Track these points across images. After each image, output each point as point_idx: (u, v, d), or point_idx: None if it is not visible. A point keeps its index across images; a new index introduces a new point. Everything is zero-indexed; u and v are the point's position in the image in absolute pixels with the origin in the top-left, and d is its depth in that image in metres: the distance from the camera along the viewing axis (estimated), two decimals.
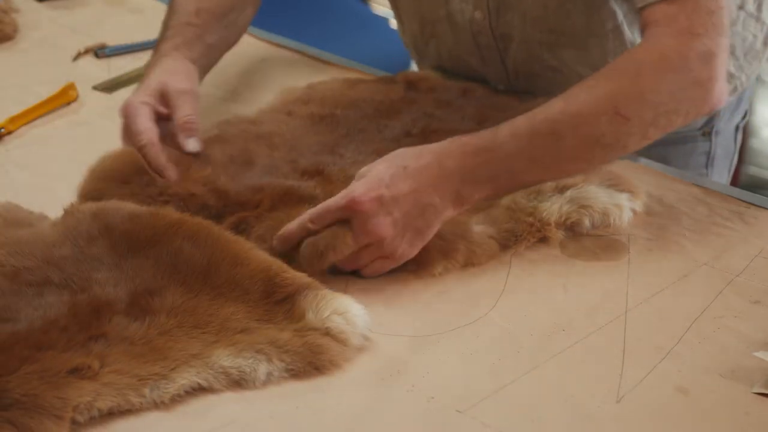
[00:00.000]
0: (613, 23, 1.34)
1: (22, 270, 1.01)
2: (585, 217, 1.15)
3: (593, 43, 1.35)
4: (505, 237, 1.14)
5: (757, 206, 1.23)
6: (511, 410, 0.92)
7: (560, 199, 1.16)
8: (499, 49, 1.40)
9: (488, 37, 1.39)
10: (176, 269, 1.02)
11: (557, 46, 1.36)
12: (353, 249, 1.06)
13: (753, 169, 2.74)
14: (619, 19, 1.33)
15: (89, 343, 0.92)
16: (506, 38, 1.38)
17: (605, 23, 1.34)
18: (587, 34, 1.35)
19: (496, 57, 1.41)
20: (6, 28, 1.62)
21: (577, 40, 1.35)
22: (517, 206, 1.15)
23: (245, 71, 1.56)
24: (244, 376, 0.93)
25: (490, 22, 1.37)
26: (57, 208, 1.13)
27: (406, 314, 1.04)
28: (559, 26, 1.34)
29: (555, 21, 1.34)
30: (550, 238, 1.14)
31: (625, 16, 1.33)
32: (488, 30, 1.38)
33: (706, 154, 1.49)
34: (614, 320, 1.04)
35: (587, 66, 1.37)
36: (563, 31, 1.34)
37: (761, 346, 1.00)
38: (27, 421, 0.85)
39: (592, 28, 1.34)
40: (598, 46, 1.35)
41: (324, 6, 2.43)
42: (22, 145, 1.33)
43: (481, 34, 1.39)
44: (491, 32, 1.38)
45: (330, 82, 1.43)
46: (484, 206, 1.15)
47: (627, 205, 1.18)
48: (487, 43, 1.40)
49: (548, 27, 1.35)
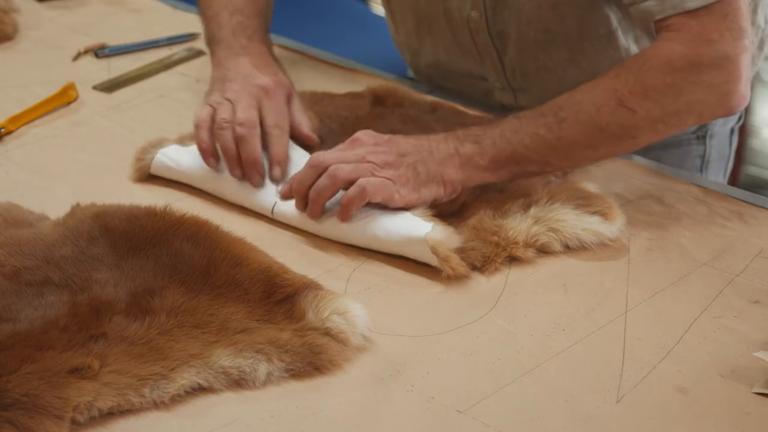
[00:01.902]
0: (607, 29, 1.34)
1: (22, 270, 1.01)
2: (555, 241, 1.12)
3: (587, 47, 1.36)
4: (471, 256, 1.10)
5: (757, 206, 1.23)
6: (511, 410, 0.92)
7: (525, 217, 1.13)
8: (496, 47, 1.40)
9: (485, 35, 1.39)
10: (176, 269, 1.02)
11: (552, 46, 1.37)
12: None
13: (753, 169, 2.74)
14: (613, 26, 1.34)
15: (89, 343, 0.93)
16: (503, 36, 1.38)
17: (598, 28, 1.34)
18: (580, 38, 1.35)
19: (493, 55, 1.41)
20: (6, 28, 1.62)
21: (570, 42, 1.36)
22: (482, 225, 1.12)
23: None
24: (244, 376, 0.93)
25: (487, 20, 1.37)
26: (57, 208, 1.13)
27: (406, 314, 1.04)
28: (554, 27, 1.35)
29: (549, 21, 1.34)
30: (520, 258, 1.11)
31: (620, 23, 1.34)
32: (485, 28, 1.38)
33: (701, 157, 1.49)
34: (614, 320, 1.04)
35: (580, 69, 1.37)
36: (558, 32, 1.35)
37: (761, 346, 1.00)
38: (27, 421, 0.85)
39: (585, 32, 1.34)
40: (592, 49, 1.36)
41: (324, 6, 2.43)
42: (22, 145, 1.33)
43: (478, 32, 1.39)
44: (488, 30, 1.38)
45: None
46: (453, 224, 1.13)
47: (598, 229, 1.13)
48: (484, 40, 1.40)
49: (543, 27, 1.35)
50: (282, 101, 1.26)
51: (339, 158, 1.13)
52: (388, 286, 1.08)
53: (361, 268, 1.11)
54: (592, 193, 1.18)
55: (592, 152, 1.16)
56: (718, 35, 1.13)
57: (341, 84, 1.49)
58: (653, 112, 1.13)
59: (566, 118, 1.14)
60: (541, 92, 1.43)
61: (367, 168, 1.12)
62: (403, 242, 1.10)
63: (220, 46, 1.35)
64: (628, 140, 1.15)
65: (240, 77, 1.27)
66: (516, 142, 1.14)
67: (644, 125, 1.14)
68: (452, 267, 1.07)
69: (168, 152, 1.24)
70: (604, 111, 1.13)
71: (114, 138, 1.36)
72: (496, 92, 1.47)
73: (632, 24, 1.35)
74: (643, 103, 1.13)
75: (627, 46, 1.36)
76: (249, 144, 1.19)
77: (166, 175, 1.24)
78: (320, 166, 1.13)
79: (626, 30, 1.35)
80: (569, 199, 1.15)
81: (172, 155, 1.24)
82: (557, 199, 1.15)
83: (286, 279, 1.01)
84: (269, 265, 1.03)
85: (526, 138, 1.14)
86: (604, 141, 1.15)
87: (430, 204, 1.14)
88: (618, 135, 1.14)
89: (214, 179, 1.21)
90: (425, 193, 1.13)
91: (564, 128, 1.14)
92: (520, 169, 1.15)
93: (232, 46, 1.34)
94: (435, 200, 1.14)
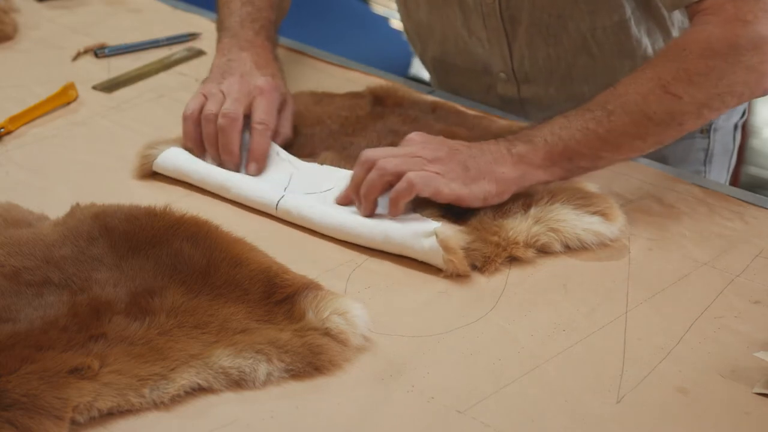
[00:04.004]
0: (620, 17, 1.35)
1: (22, 270, 1.01)
2: (555, 241, 1.12)
3: (598, 34, 1.37)
4: (471, 256, 1.10)
5: (757, 206, 1.23)
6: (511, 410, 0.92)
7: (525, 217, 1.13)
8: (506, 33, 1.40)
9: (497, 19, 1.39)
10: (176, 269, 1.02)
11: (564, 32, 1.37)
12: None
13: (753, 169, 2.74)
14: (627, 15, 1.35)
15: (89, 343, 0.92)
16: (514, 21, 1.39)
17: (612, 15, 1.35)
18: (592, 25, 1.36)
19: (502, 41, 1.42)
20: (6, 28, 1.62)
21: (582, 28, 1.36)
22: (482, 225, 1.12)
23: None
24: (244, 376, 0.93)
25: (500, 3, 1.38)
26: (57, 208, 1.13)
27: (406, 314, 1.04)
28: (567, 12, 1.35)
29: (562, 7, 1.35)
30: (520, 258, 1.11)
31: (633, 12, 1.35)
32: (497, 12, 1.38)
33: (705, 150, 1.49)
34: (614, 320, 1.04)
35: (590, 57, 1.38)
36: (570, 17, 1.35)
37: (761, 346, 1.00)
38: (27, 421, 0.85)
39: (597, 19, 1.35)
40: (603, 37, 1.37)
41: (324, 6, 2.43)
42: (22, 145, 1.33)
43: (490, 17, 1.40)
44: (500, 14, 1.38)
45: (295, 96, 1.40)
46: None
47: (598, 230, 1.13)
48: (495, 25, 1.40)
49: (556, 12, 1.36)
50: (274, 103, 1.28)
51: (388, 153, 1.14)
52: (388, 286, 1.08)
53: (361, 267, 1.11)
54: (593, 193, 1.18)
55: (641, 143, 1.16)
56: (752, 16, 1.14)
57: (341, 84, 1.48)
58: (698, 97, 1.14)
59: (614, 110, 1.14)
60: (547, 82, 1.43)
61: (416, 162, 1.12)
62: (411, 237, 1.10)
63: (226, 34, 1.37)
64: (675, 127, 1.16)
65: (238, 73, 1.30)
66: (567, 137, 1.14)
67: (690, 110, 1.15)
68: (456, 264, 1.08)
69: (172, 151, 1.25)
70: (650, 99, 1.14)
71: (114, 138, 1.36)
72: (499, 85, 1.47)
73: (646, 16, 1.36)
74: (688, 89, 1.14)
75: (639, 37, 1.37)
76: (227, 136, 1.23)
77: (169, 173, 1.25)
78: (368, 162, 1.13)
79: (639, 21, 1.36)
80: (569, 199, 1.15)
81: (176, 153, 1.25)
82: (557, 199, 1.14)
83: (286, 279, 1.01)
84: (269, 265, 1.03)
85: (578, 133, 1.14)
86: (652, 129, 1.15)
87: (481, 203, 1.13)
88: (665, 122, 1.15)
89: (218, 177, 1.22)
90: (475, 189, 1.12)
91: (613, 120, 1.14)
92: (572, 165, 1.15)
93: (238, 37, 1.36)
94: (485, 199, 1.13)
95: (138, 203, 1.12)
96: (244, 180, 1.22)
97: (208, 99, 1.27)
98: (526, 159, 1.14)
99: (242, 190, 1.21)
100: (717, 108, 1.16)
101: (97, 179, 1.26)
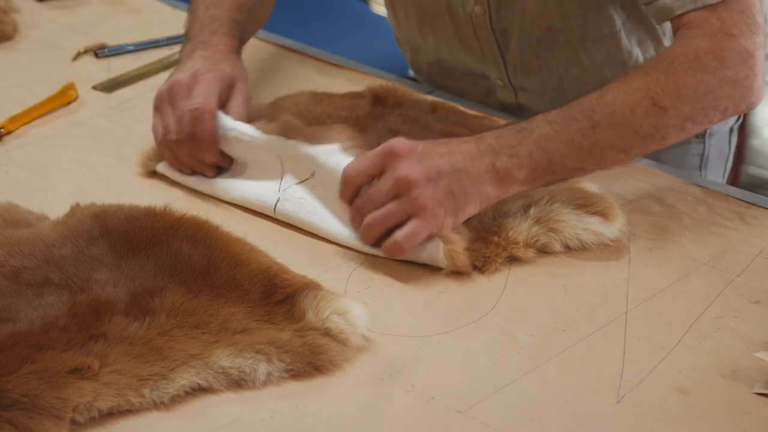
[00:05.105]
0: (610, 29, 1.34)
1: (22, 270, 1.01)
2: (555, 241, 1.12)
3: (589, 47, 1.36)
4: (471, 256, 1.10)
5: (757, 206, 1.23)
6: (511, 410, 0.92)
7: (525, 217, 1.13)
8: (498, 44, 1.40)
9: (488, 31, 1.39)
10: (176, 269, 1.02)
11: (555, 44, 1.37)
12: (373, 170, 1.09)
13: (753, 169, 2.74)
14: (617, 26, 1.34)
15: (89, 343, 0.92)
16: (505, 33, 1.38)
17: (602, 28, 1.34)
18: (583, 37, 1.35)
19: (495, 51, 1.41)
20: (6, 28, 1.62)
21: (573, 41, 1.36)
22: (482, 225, 1.12)
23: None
24: (244, 376, 0.93)
25: (490, 16, 1.37)
26: (57, 208, 1.13)
27: (406, 314, 1.04)
28: (557, 25, 1.34)
29: (553, 19, 1.34)
30: (520, 258, 1.11)
31: (624, 24, 1.34)
32: (488, 24, 1.38)
33: (700, 155, 1.49)
34: (614, 320, 1.04)
35: (582, 68, 1.37)
36: (561, 30, 1.35)
37: (761, 346, 1.00)
38: (27, 421, 0.85)
39: (588, 31, 1.34)
40: (594, 49, 1.36)
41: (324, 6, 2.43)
42: (22, 145, 1.33)
43: (481, 28, 1.39)
44: (490, 26, 1.38)
45: (295, 96, 1.39)
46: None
47: (598, 230, 1.13)
48: (486, 36, 1.40)
49: (546, 25, 1.35)
50: (211, 84, 1.22)
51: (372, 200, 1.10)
52: (388, 286, 1.08)
53: (361, 267, 1.11)
54: (593, 193, 1.17)
55: (624, 155, 1.15)
56: (737, 30, 1.13)
57: (341, 84, 1.48)
58: (684, 110, 1.13)
59: (600, 122, 1.12)
60: (542, 91, 1.43)
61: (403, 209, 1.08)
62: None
63: (186, 44, 1.33)
64: (659, 140, 1.14)
65: (185, 77, 1.24)
66: (552, 151, 1.11)
67: (675, 123, 1.13)
68: (458, 257, 1.08)
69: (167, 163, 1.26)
70: (638, 112, 1.12)
71: (114, 138, 1.36)
72: (497, 90, 1.47)
73: (637, 26, 1.35)
74: (676, 102, 1.12)
75: (630, 48, 1.36)
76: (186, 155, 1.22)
77: (171, 176, 1.25)
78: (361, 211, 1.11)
79: (630, 32, 1.35)
80: (569, 199, 1.15)
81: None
82: (557, 199, 1.14)
83: (286, 279, 1.01)
84: (269, 265, 1.03)
85: (563, 146, 1.11)
86: (637, 143, 1.13)
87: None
88: (650, 135, 1.13)
89: (213, 186, 1.22)
90: (461, 216, 1.10)
91: (599, 133, 1.12)
92: (555, 178, 1.14)
93: (193, 41, 1.32)
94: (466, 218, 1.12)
95: (138, 203, 1.12)
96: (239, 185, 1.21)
97: (162, 120, 1.23)
98: (510, 176, 1.11)
99: (239, 195, 1.20)
100: (700, 122, 1.15)
101: (97, 179, 1.26)
